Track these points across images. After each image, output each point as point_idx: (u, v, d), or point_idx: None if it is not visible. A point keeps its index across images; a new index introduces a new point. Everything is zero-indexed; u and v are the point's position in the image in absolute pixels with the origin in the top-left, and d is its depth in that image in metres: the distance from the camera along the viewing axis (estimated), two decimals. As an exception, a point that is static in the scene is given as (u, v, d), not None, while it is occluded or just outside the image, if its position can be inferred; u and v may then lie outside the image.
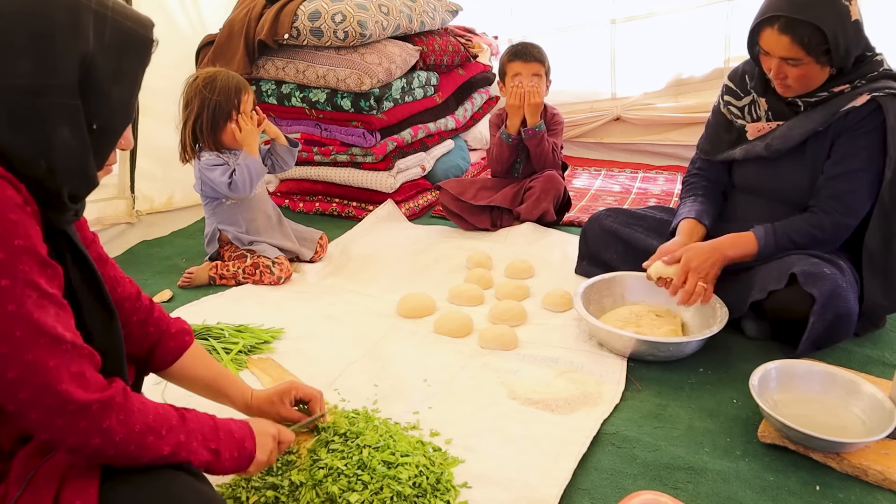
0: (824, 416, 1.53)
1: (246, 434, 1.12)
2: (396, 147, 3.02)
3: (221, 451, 1.05)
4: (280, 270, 2.33)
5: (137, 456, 0.94)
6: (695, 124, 2.25)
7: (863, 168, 1.79)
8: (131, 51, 0.96)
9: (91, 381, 0.90)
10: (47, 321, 0.85)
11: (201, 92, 2.23)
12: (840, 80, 1.80)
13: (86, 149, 0.93)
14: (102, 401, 0.90)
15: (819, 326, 1.69)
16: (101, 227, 2.88)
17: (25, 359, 0.83)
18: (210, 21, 3.20)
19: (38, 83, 0.87)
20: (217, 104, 2.24)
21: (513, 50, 2.80)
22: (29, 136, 0.88)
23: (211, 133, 2.28)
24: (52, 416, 0.86)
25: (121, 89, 0.96)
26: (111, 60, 0.93)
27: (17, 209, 0.84)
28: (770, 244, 1.84)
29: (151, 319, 1.25)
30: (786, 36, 1.71)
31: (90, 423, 0.89)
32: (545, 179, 2.75)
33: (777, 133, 1.90)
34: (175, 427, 0.99)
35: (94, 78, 0.91)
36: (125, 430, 0.92)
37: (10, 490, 0.92)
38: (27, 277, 0.84)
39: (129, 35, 0.96)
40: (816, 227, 1.82)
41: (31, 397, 0.85)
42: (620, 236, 2.20)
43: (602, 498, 1.36)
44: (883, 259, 1.82)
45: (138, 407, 0.95)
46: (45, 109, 0.88)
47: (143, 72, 1.00)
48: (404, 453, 1.33)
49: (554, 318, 2.10)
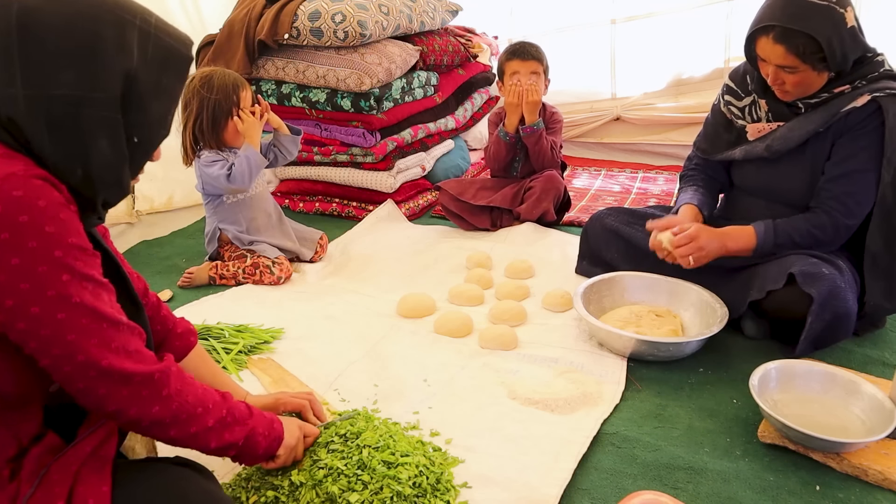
0: (824, 416, 1.53)
1: (274, 418, 1.18)
2: (396, 147, 3.02)
3: (255, 427, 1.11)
4: (280, 270, 2.33)
5: (187, 426, 1.00)
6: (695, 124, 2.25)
7: (864, 169, 1.79)
8: (171, 67, 1.00)
9: (146, 355, 0.97)
10: (105, 308, 0.92)
11: (199, 92, 2.23)
12: (840, 81, 1.79)
13: (123, 160, 0.97)
14: (162, 370, 0.97)
15: (817, 326, 1.69)
16: (101, 227, 2.89)
17: (91, 342, 0.90)
18: (210, 21, 3.21)
19: (82, 95, 0.90)
20: (217, 102, 2.24)
21: (511, 49, 2.81)
22: (68, 145, 0.91)
23: (212, 132, 2.28)
24: (119, 388, 0.93)
25: (160, 104, 0.99)
26: (152, 76, 0.97)
27: (64, 208, 0.89)
28: (769, 241, 1.83)
29: (158, 318, 1.27)
30: (780, 45, 1.71)
31: (151, 392, 0.95)
32: (545, 179, 2.75)
33: (777, 134, 1.90)
34: (218, 403, 1.06)
35: (136, 93, 0.95)
36: (180, 400, 0.99)
37: (22, 487, 0.93)
38: (83, 271, 0.90)
39: (171, 52, 0.99)
40: (818, 227, 1.82)
41: (100, 375, 0.91)
42: (621, 235, 2.20)
43: (602, 498, 1.36)
44: (886, 261, 1.82)
45: (190, 380, 1.03)
46: (86, 121, 0.91)
47: (181, 88, 1.04)
48: (404, 453, 1.33)
49: (554, 318, 2.10)
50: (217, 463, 1.34)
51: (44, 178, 0.88)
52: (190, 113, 2.25)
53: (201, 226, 3.02)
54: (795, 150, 1.87)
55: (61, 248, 0.87)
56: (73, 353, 0.89)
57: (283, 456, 1.19)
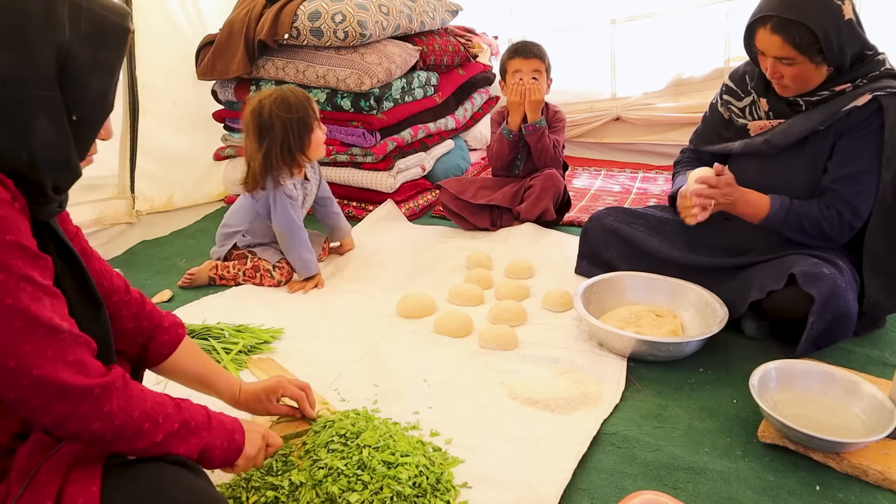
0: (824, 416, 1.53)
1: (236, 427, 1.13)
2: (396, 147, 3.01)
3: (212, 440, 1.06)
4: (280, 275, 2.33)
5: (133, 442, 0.95)
6: (695, 124, 2.25)
7: (867, 170, 1.79)
8: (108, 40, 0.96)
9: (90, 367, 0.92)
10: (43, 312, 0.87)
11: (279, 115, 2.19)
12: (841, 78, 1.80)
13: (67, 140, 0.93)
14: (103, 385, 0.92)
15: (818, 326, 1.69)
16: (101, 227, 2.89)
17: (25, 349, 0.85)
18: (210, 21, 3.21)
19: (15, 75, 0.87)
20: (300, 120, 2.22)
21: (513, 48, 2.81)
22: (8, 128, 0.88)
23: (300, 150, 2.25)
24: (53, 401, 0.88)
25: (99, 79, 0.95)
26: (88, 50, 0.93)
27: (5, 205, 0.85)
28: (779, 217, 1.84)
29: (144, 313, 1.24)
30: (777, 36, 1.72)
31: (91, 408, 0.90)
32: (545, 178, 2.75)
33: (777, 129, 1.90)
34: (170, 415, 1.00)
35: (72, 68, 0.91)
36: (125, 416, 0.94)
37: (11, 488, 0.92)
38: (21, 271, 0.85)
39: (105, 24, 0.95)
40: (827, 220, 1.81)
41: (32, 385, 0.86)
42: (621, 235, 2.20)
43: (602, 498, 1.36)
44: (885, 259, 1.82)
45: (137, 393, 0.97)
46: (23, 101, 0.88)
47: (121, 61, 1.00)
48: (404, 453, 1.33)
49: (554, 318, 2.10)
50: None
51: None
52: (273, 138, 2.20)
53: (201, 226, 3.03)
54: (795, 147, 1.87)
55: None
56: (2, 359, 0.84)
57: (240, 465, 1.14)
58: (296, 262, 2.32)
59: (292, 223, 2.29)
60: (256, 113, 2.21)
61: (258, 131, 2.21)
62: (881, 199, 1.79)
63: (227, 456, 1.10)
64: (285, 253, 2.34)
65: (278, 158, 2.23)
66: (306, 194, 2.44)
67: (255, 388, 1.39)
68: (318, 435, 1.38)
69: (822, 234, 1.82)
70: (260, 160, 2.22)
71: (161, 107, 3.06)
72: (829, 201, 1.82)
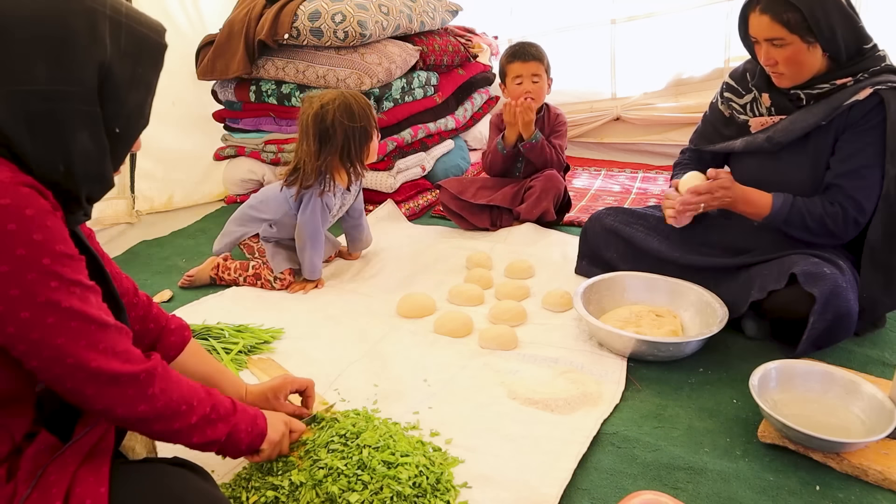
0: (824, 416, 1.53)
1: (258, 413, 1.20)
2: (396, 147, 3.01)
3: (238, 423, 1.12)
4: (281, 285, 2.32)
5: (171, 422, 1.02)
6: (695, 124, 2.25)
7: (870, 164, 1.79)
8: (146, 56, 0.99)
9: (133, 354, 0.99)
10: (92, 311, 0.94)
11: (342, 122, 2.17)
12: (841, 72, 1.80)
13: (104, 153, 0.96)
14: (148, 370, 0.99)
15: (819, 326, 1.69)
16: (102, 227, 2.89)
17: (80, 345, 0.92)
18: (210, 21, 3.21)
19: (57, 90, 0.90)
20: (362, 129, 2.22)
21: (511, 51, 2.80)
22: (48, 141, 0.91)
23: (357, 158, 2.25)
24: (106, 388, 0.94)
25: (137, 94, 0.99)
26: (127, 66, 0.96)
27: (50, 216, 0.89)
28: (781, 214, 1.85)
29: (150, 315, 1.27)
30: (766, 15, 1.75)
31: (137, 391, 0.97)
32: (545, 179, 2.75)
33: (779, 126, 1.90)
34: (203, 399, 1.07)
35: (112, 84, 0.94)
36: (166, 398, 1.00)
37: (19, 488, 0.92)
38: (71, 276, 0.91)
39: (144, 41, 0.99)
40: (831, 216, 1.81)
41: (89, 376, 0.93)
42: (621, 235, 2.20)
43: (602, 498, 1.36)
44: (885, 254, 1.82)
45: (175, 378, 1.04)
46: (64, 115, 0.91)
47: (157, 77, 1.03)
48: (404, 453, 1.33)
49: (554, 318, 2.10)
50: (217, 462, 1.34)
51: (30, 185, 0.88)
52: (333, 145, 2.19)
53: (201, 226, 3.03)
54: (797, 143, 1.87)
55: (49, 255, 0.88)
56: (62, 356, 0.90)
57: (266, 451, 1.21)
58: (305, 263, 2.32)
59: (316, 228, 2.29)
60: (318, 118, 2.18)
61: (318, 136, 2.19)
62: (884, 195, 1.79)
63: (252, 440, 1.16)
64: (298, 251, 2.33)
65: (336, 165, 2.23)
66: (343, 204, 2.42)
67: (262, 387, 1.40)
68: (319, 435, 1.38)
69: (826, 230, 1.82)
70: (315, 165, 2.21)
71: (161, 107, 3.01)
72: (833, 197, 1.82)
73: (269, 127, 3.15)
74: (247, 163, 3.19)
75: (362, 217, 2.54)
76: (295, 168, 2.27)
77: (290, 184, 2.29)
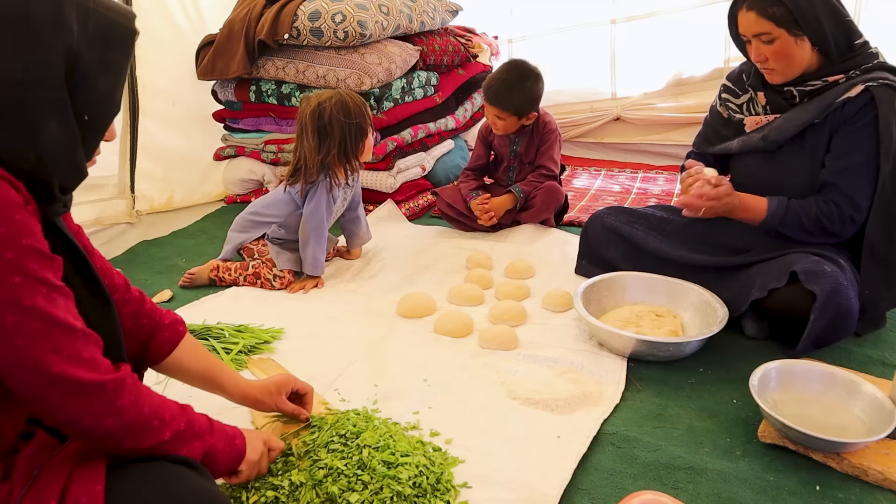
0: (824, 416, 1.53)
1: (236, 433, 1.15)
2: (396, 147, 3.01)
3: (215, 443, 1.08)
4: (281, 284, 2.33)
5: (141, 439, 0.97)
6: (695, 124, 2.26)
7: (864, 161, 1.80)
8: (115, 42, 0.97)
9: (101, 364, 0.94)
10: (58, 313, 0.89)
11: (339, 119, 2.23)
12: (833, 68, 1.81)
13: (75, 141, 0.94)
14: (116, 381, 0.94)
15: (820, 324, 1.69)
16: (101, 227, 2.89)
17: (42, 348, 0.87)
18: (210, 21, 3.21)
19: (25, 77, 0.88)
20: (358, 126, 2.27)
21: (486, 84, 2.65)
22: (18, 129, 0.89)
23: (354, 153, 2.30)
24: (69, 398, 0.90)
25: (107, 81, 0.96)
26: (96, 52, 0.94)
27: (20, 209, 0.87)
28: (777, 218, 1.85)
29: (144, 311, 1.24)
30: (752, 12, 1.77)
31: (104, 403, 0.92)
32: (546, 192, 2.71)
33: (774, 125, 1.91)
34: (177, 415, 1.02)
35: (81, 70, 0.92)
36: (135, 411, 0.95)
37: (14, 488, 0.92)
38: (37, 274, 0.87)
39: (113, 26, 0.96)
40: (826, 215, 1.82)
41: (50, 382, 0.88)
42: (621, 234, 2.20)
43: (602, 498, 1.36)
44: (884, 250, 1.82)
45: (146, 391, 1.00)
46: (33, 103, 0.89)
47: (127, 63, 1.00)
48: (404, 453, 1.33)
49: (554, 318, 2.10)
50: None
51: (2, 176, 0.86)
52: (332, 141, 2.24)
53: (201, 226, 3.03)
54: (794, 143, 1.88)
55: (14, 249, 0.85)
56: (21, 358, 0.86)
57: (245, 472, 1.16)
58: (308, 259, 2.33)
59: (321, 221, 2.31)
60: (316, 115, 2.23)
61: (318, 133, 2.24)
62: (880, 191, 1.80)
63: (231, 461, 1.12)
64: (301, 247, 2.34)
65: (335, 160, 2.28)
66: (345, 199, 2.45)
67: (266, 382, 1.39)
68: (319, 435, 1.38)
69: (823, 230, 1.83)
70: (317, 160, 2.25)
71: (161, 107, 3.06)
72: (829, 196, 1.83)
73: (269, 127, 3.15)
74: (247, 163, 3.19)
75: (360, 208, 2.56)
76: (296, 167, 2.31)
77: (292, 183, 2.33)
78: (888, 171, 1.78)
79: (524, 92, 2.61)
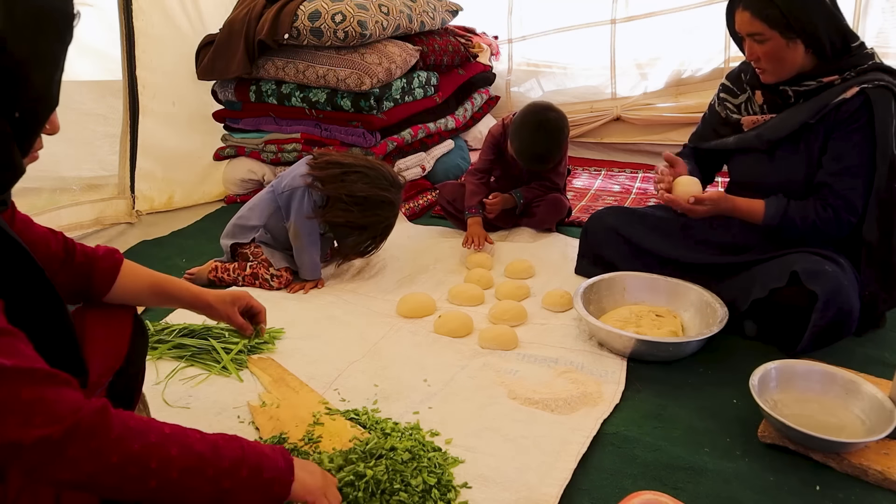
0: (824, 416, 1.53)
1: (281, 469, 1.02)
2: (396, 147, 3.01)
3: (235, 489, 0.95)
4: (279, 283, 2.32)
5: (142, 478, 0.89)
6: (695, 124, 2.26)
7: (860, 163, 1.80)
8: (49, 28, 0.85)
9: (59, 405, 0.83)
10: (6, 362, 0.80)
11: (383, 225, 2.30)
12: (829, 69, 1.82)
13: (7, 139, 0.85)
14: (66, 430, 0.82)
15: (821, 323, 1.70)
16: (101, 227, 2.89)
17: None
18: (210, 21, 3.21)
19: None
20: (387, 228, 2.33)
21: (521, 147, 2.52)
22: None
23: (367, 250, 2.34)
24: (9, 461, 0.82)
25: (41, 74, 0.86)
26: (26, 43, 0.82)
27: None
28: (774, 218, 1.86)
29: (75, 254, 1.20)
30: (747, 12, 1.79)
31: (76, 451, 0.83)
32: (551, 203, 2.71)
33: (769, 124, 1.92)
34: (188, 447, 0.93)
35: (10, 64, 0.81)
36: (123, 451, 0.86)
37: (9, 490, 0.92)
38: None
39: (44, 11, 0.84)
40: (822, 220, 1.82)
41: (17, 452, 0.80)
42: (622, 234, 2.20)
43: (602, 498, 1.36)
44: (882, 250, 1.83)
45: (135, 424, 0.90)
46: None
47: (65, 50, 0.89)
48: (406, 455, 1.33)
49: (554, 318, 2.10)
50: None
51: None
52: (367, 234, 2.29)
53: (201, 226, 3.03)
54: (790, 143, 1.88)
55: None
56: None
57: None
58: (305, 263, 2.33)
59: (311, 225, 2.30)
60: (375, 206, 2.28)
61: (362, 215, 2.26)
62: (876, 192, 1.80)
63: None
64: (296, 254, 2.34)
65: (355, 247, 2.31)
66: None
67: (221, 292, 1.39)
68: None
69: (817, 231, 1.84)
70: (349, 240, 2.31)
71: (161, 107, 3.06)
72: (824, 197, 1.83)
73: (269, 127, 3.15)
74: (247, 163, 3.19)
75: None
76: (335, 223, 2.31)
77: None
78: (884, 172, 1.78)
79: (559, 150, 2.58)
